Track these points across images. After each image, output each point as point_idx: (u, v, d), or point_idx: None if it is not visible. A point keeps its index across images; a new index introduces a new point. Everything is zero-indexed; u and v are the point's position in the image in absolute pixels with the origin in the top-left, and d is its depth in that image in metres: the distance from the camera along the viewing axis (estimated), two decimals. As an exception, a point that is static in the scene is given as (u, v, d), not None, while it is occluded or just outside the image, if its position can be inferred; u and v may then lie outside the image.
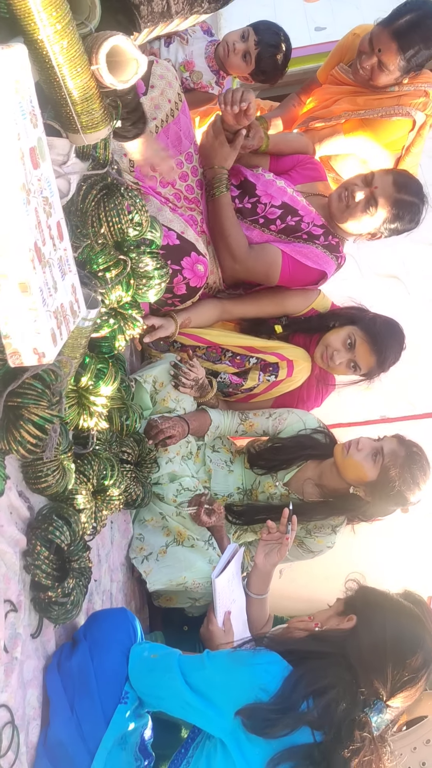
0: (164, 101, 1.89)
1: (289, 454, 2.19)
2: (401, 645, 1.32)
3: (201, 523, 1.96)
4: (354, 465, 2.05)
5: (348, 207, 2.21)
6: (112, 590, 1.83)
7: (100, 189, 1.33)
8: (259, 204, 2.24)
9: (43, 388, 1.14)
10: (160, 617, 2.25)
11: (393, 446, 2.06)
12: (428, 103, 2.49)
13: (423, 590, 3.19)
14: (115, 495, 1.60)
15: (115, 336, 1.52)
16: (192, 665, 1.39)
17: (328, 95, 2.62)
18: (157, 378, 2.11)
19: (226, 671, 1.32)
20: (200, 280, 2.03)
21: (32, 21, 0.97)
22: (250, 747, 1.22)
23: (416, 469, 2.03)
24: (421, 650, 1.32)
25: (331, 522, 2.15)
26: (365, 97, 2.51)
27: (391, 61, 2.31)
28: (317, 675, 1.26)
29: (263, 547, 1.92)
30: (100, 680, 1.36)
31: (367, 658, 1.31)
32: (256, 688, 1.25)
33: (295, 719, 1.20)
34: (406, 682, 1.31)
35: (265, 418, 2.25)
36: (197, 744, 1.42)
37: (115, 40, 1.09)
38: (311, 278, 2.30)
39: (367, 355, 2.23)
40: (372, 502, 2.08)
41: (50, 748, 1.28)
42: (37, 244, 0.98)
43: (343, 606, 1.47)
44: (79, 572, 1.40)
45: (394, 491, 2.02)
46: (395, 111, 2.48)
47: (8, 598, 1.22)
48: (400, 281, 3.42)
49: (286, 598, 3.07)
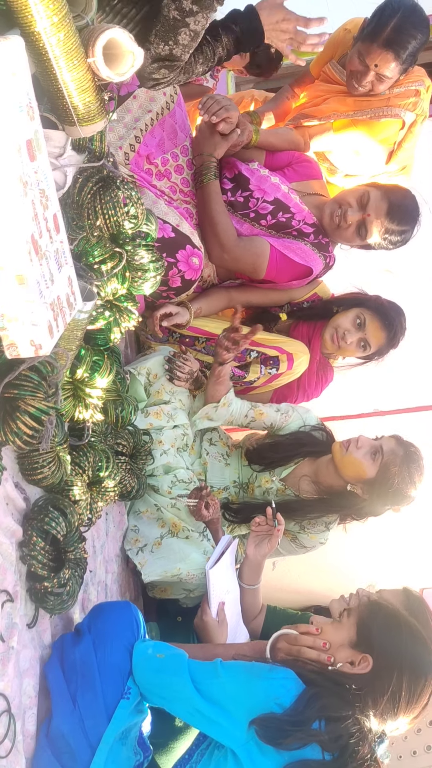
0: (159, 94, 1.89)
1: (288, 451, 2.20)
2: (416, 686, 1.35)
3: (200, 516, 1.97)
4: (353, 462, 2.07)
5: (339, 228, 2.25)
6: (107, 581, 1.84)
7: (96, 181, 1.33)
8: (252, 198, 2.25)
9: (39, 380, 1.15)
10: (155, 608, 2.27)
11: (392, 445, 2.09)
12: (419, 102, 2.49)
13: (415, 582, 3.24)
14: (111, 486, 1.61)
15: (110, 328, 1.52)
16: (204, 672, 1.38)
17: (318, 93, 2.62)
18: (151, 370, 2.12)
19: (243, 682, 1.33)
20: (195, 272, 2.03)
21: (29, 13, 0.97)
22: (263, 758, 1.23)
23: (414, 468, 2.07)
24: (429, 679, 1.37)
25: (324, 519, 2.17)
26: (354, 98, 2.51)
27: (390, 70, 2.31)
28: (332, 704, 1.28)
29: (254, 539, 1.95)
30: (103, 675, 1.36)
31: (383, 707, 1.34)
32: (271, 701, 1.27)
33: (307, 734, 1.22)
34: (415, 714, 1.37)
35: (273, 411, 2.26)
36: (203, 751, 1.42)
37: (111, 33, 1.09)
38: (297, 274, 2.31)
39: (378, 332, 2.31)
40: (369, 500, 2.10)
41: (53, 740, 1.28)
42: (34, 237, 0.99)
43: (355, 634, 1.44)
44: (74, 563, 1.41)
45: (393, 489, 2.04)
46: (384, 113, 2.48)
47: (4, 588, 1.23)
48: (394, 275, 3.43)
49: (278, 590, 3.09)
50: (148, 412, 2.07)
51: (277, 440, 2.24)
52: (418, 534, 3.12)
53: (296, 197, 2.28)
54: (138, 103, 1.87)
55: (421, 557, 3.13)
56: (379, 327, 2.32)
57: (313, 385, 2.46)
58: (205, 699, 1.33)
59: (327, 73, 2.57)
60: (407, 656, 1.37)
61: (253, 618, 2.02)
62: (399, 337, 2.36)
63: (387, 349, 2.38)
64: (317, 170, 2.44)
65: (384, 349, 2.38)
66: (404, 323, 2.38)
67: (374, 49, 2.26)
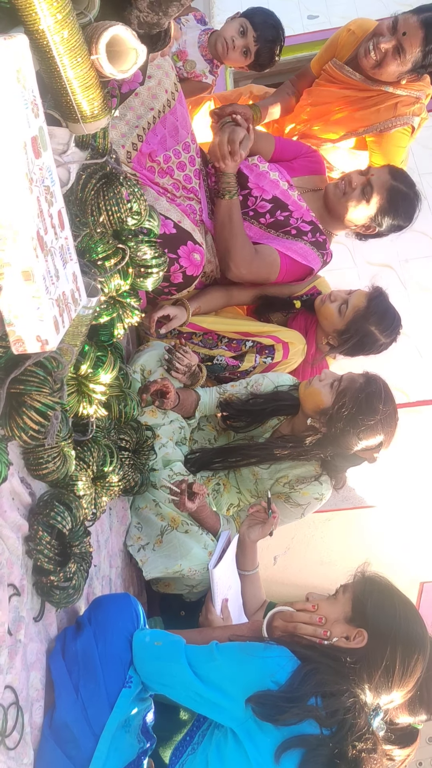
0: (161, 91, 1.89)
1: (264, 405, 2.16)
2: (409, 660, 1.36)
3: (185, 509, 1.94)
4: (312, 392, 2.03)
5: (345, 194, 2.27)
6: (111, 576, 1.85)
7: (99, 178, 1.34)
8: (250, 197, 2.27)
9: (45, 376, 1.16)
10: (158, 603, 2.28)
11: (353, 375, 2.02)
12: (422, 107, 2.54)
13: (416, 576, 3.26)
14: (115, 481, 1.63)
15: (113, 324, 1.53)
16: (200, 656, 1.40)
17: (321, 99, 2.64)
18: (145, 366, 2.13)
19: (238, 662, 1.34)
20: (197, 268, 2.04)
21: (33, 11, 0.97)
22: (262, 736, 1.25)
23: (373, 393, 1.94)
24: (423, 655, 1.37)
25: (311, 471, 2.11)
26: (362, 111, 2.53)
27: (412, 48, 2.31)
28: (328, 680, 1.29)
29: (248, 521, 1.96)
30: (104, 664, 1.38)
31: (377, 680, 1.35)
32: (267, 678, 1.28)
33: (303, 710, 1.23)
34: (408, 690, 1.37)
35: (242, 387, 2.23)
36: (203, 732, 1.44)
37: (114, 30, 1.10)
38: (301, 274, 2.37)
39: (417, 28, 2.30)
40: (328, 433, 2.00)
41: (56, 730, 1.30)
42: (40, 233, 0.99)
43: (351, 609, 1.45)
44: (80, 557, 1.42)
45: (348, 415, 1.93)
46: (393, 123, 2.51)
47: (11, 582, 1.24)
48: (394, 270, 3.44)
49: (280, 584, 3.11)
50: (143, 411, 2.08)
51: (253, 397, 2.19)
52: (419, 529, 3.14)
53: (295, 194, 2.29)
54: (140, 101, 1.87)
55: (422, 552, 3.15)
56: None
57: (308, 377, 2.47)
58: (203, 682, 1.35)
59: (329, 72, 2.58)
60: (401, 631, 1.38)
61: (255, 611, 2.03)
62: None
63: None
64: (322, 165, 2.47)
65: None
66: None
67: (412, 20, 2.29)
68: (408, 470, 3.08)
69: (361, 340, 2.30)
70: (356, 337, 2.29)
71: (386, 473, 2.95)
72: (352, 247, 3.43)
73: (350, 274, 3.36)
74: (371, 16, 2.66)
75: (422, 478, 3.11)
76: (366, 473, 2.57)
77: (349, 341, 2.30)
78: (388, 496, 3.11)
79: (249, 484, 2.21)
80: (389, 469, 2.85)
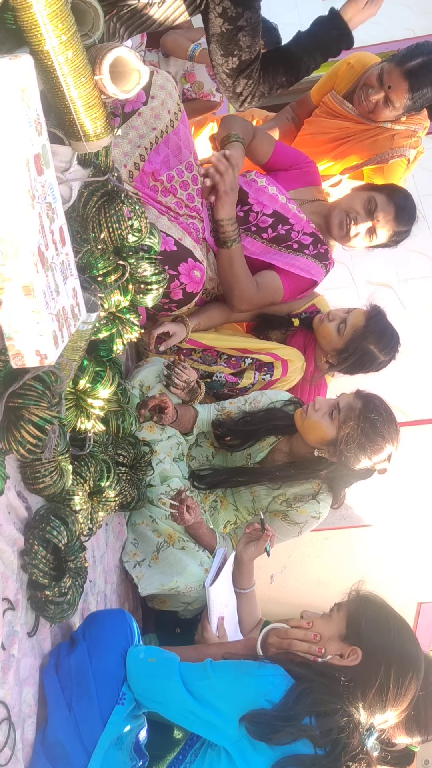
0: (164, 111, 1.92)
1: (259, 424, 2.16)
2: (403, 679, 1.35)
3: (183, 521, 1.93)
4: (312, 425, 2.02)
5: (348, 235, 2.33)
6: (107, 591, 1.84)
7: (100, 195, 1.36)
8: (251, 212, 2.29)
9: (43, 390, 1.17)
10: (153, 619, 2.26)
11: (349, 400, 2.02)
12: (419, 140, 2.61)
13: (413, 596, 3.24)
14: (111, 496, 1.62)
15: (113, 339, 1.54)
16: (195, 674, 1.39)
17: (320, 129, 2.69)
18: (144, 381, 2.14)
19: (232, 681, 1.33)
20: (197, 285, 2.06)
21: (38, 32, 1.00)
22: (255, 755, 1.24)
23: (375, 418, 1.96)
24: (417, 674, 1.37)
25: (309, 490, 2.11)
26: (361, 143, 2.59)
27: (399, 99, 2.39)
28: (322, 699, 1.29)
29: (244, 539, 1.95)
30: (98, 681, 1.37)
31: (371, 699, 1.34)
32: (261, 697, 1.27)
33: (297, 729, 1.22)
34: (402, 709, 1.37)
35: (240, 405, 2.23)
36: (196, 751, 1.42)
37: (118, 52, 1.12)
38: (304, 287, 2.41)
39: (390, 219, 2.31)
40: (339, 462, 2.03)
41: (48, 747, 1.29)
42: (41, 248, 1.01)
43: (345, 627, 1.44)
44: (75, 572, 1.41)
45: (356, 443, 1.96)
46: (390, 155, 2.57)
47: (6, 597, 1.23)
48: (393, 290, 3.46)
49: (276, 602, 3.10)
50: (141, 427, 2.08)
51: (248, 417, 2.18)
52: (417, 548, 3.13)
53: (294, 206, 2.32)
54: (143, 120, 1.90)
55: (420, 572, 3.14)
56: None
57: (306, 395, 2.48)
58: (197, 700, 1.34)
59: (328, 105, 2.65)
60: (395, 649, 1.38)
61: (250, 630, 2.01)
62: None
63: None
64: (317, 176, 2.50)
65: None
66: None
67: (395, 73, 2.35)
68: (406, 489, 3.08)
69: (360, 359, 2.31)
70: (355, 356, 2.30)
71: (384, 492, 2.95)
72: (352, 266, 3.46)
73: (350, 294, 3.38)
74: (372, 40, 2.71)
75: (420, 497, 3.11)
76: (364, 492, 2.57)
77: (348, 360, 2.32)
78: (386, 515, 3.10)
79: (246, 501, 2.21)
80: (387, 488, 2.85)
